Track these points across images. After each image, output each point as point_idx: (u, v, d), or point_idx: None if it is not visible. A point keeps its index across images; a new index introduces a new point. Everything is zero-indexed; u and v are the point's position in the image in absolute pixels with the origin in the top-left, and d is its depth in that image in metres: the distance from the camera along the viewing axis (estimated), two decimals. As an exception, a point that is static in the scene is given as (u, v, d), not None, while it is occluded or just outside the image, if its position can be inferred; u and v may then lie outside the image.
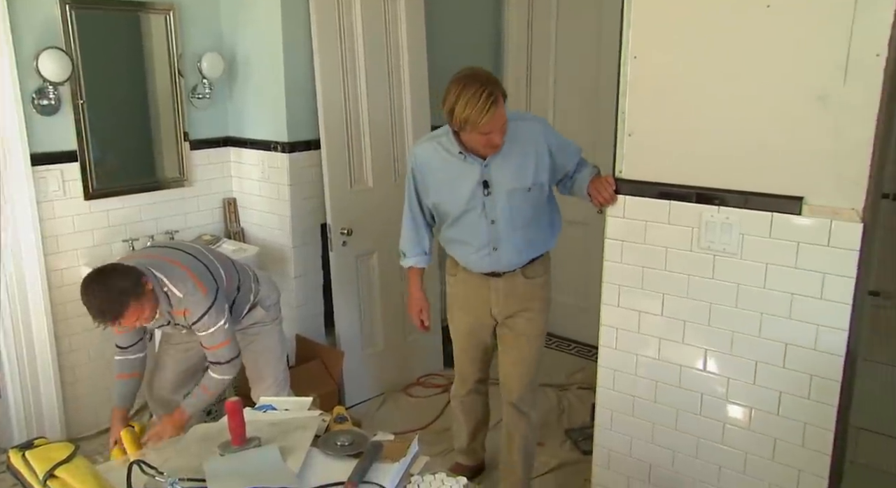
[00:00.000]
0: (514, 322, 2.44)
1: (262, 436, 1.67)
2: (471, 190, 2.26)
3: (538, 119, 2.36)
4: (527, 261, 2.38)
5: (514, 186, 2.26)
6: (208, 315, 2.23)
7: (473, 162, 2.25)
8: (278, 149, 3.20)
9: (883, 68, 1.70)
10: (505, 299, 2.41)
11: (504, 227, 2.30)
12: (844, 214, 1.81)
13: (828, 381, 1.90)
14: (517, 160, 2.25)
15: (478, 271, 2.40)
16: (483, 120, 2.07)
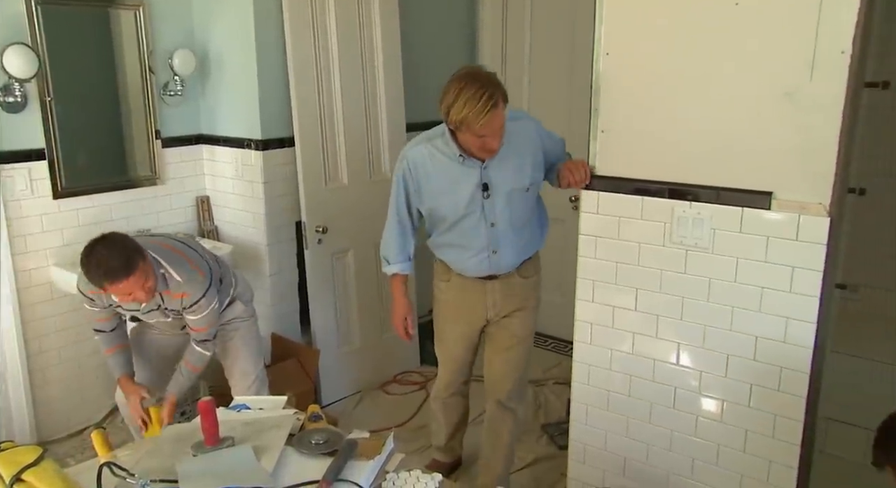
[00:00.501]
0: (509, 322, 2.42)
1: (235, 436, 1.65)
2: (470, 193, 2.20)
3: (529, 116, 2.31)
4: (522, 262, 2.37)
5: (514, 187, 2.22)
6: (205, 297, 2.27)
7: (472, 164, 2.18)
8: (252, 146, 3.17)
9: (848, 65, 1.73)
10: (503, 300, 2.37)
11: (504, 230, 2.26)
12: (812, 209, 1.84)
13: (797, 373, 1.93)
14: (515, 160, 2.21)
15: (474, 275, 2.35)
16: (480, 122, 2.00)
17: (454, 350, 2.52)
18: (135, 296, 2.14)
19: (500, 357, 2.46)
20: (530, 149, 2.24)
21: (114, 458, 1.63)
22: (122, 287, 2.08)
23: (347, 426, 2.83)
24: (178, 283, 2.23)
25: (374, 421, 3.18)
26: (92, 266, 2.07)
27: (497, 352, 2.47)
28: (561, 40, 3.70)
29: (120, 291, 2.10)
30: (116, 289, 2.09)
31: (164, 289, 2.23)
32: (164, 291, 2.24)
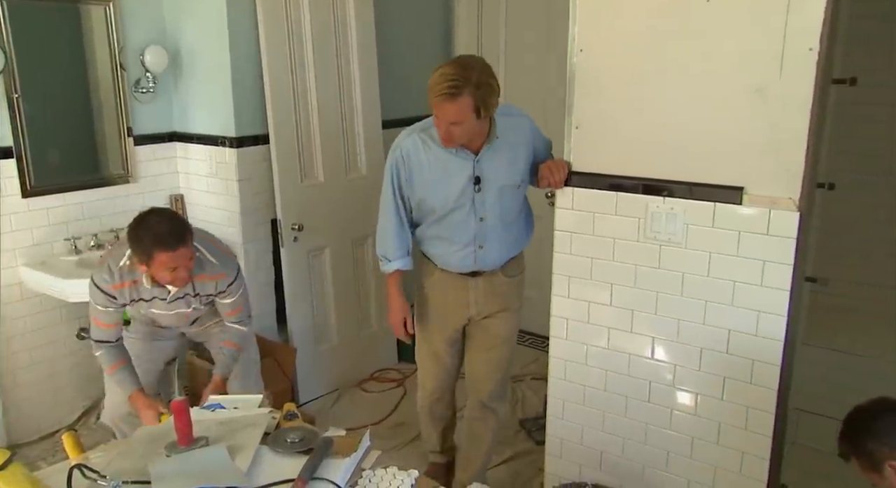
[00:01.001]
0: (492, 322, 2.39)
1: (209, 436, 1.64)
2: (461, 186, 2.18)
3: (525, 115, 2.29)
4: (507, 260, 2.36)
5: (505, 182, 2.21)
6: (239, 277, 2.34)
7: (466, 156, 2.16)
8: (226, 144, 3.14)
9: (815, 62, 1.75)
10: (486, 299, 2.35)
11: (492, 225, 2.24)
12: (782, 203, 1.87)
13: (768, 366, 1.96)
14: (508, 155, 2.20)
15: (459, 271, 2.32)
16: (435, 100, 2.01)
17: (439, 352, 2.46)
18: (177, 274, 2.11)
19: (482, 357, 2.44)
20: (524, 145, 2.24)
21: (86, 460, 1.61)
22: (172, 257, 2.05)
23: (325, 424, 2.82)
24: (214, 265, 2.26)
25: (351, 418, 3.17)
26: (144, 232, 2.05)
27: (480, 351, 2.44)
28: (536, 36, 3.71)
29: (168, 263, 2.06)
30: (165, 260, 2.05)
31: (198, 274, 2.23)
32: (198, 276, 2.24)
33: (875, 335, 2.96)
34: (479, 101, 2.01)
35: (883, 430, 1.42)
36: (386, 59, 3.54)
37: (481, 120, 2.07)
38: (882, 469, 1.41)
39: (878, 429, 1.43)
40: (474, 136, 2.14)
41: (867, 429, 1.45)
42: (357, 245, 3.52)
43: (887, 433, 1.41)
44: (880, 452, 1.41)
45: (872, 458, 1.43)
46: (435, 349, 2.46)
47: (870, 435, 1.44)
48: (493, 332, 2.40)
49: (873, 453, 1.42)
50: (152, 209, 2.17)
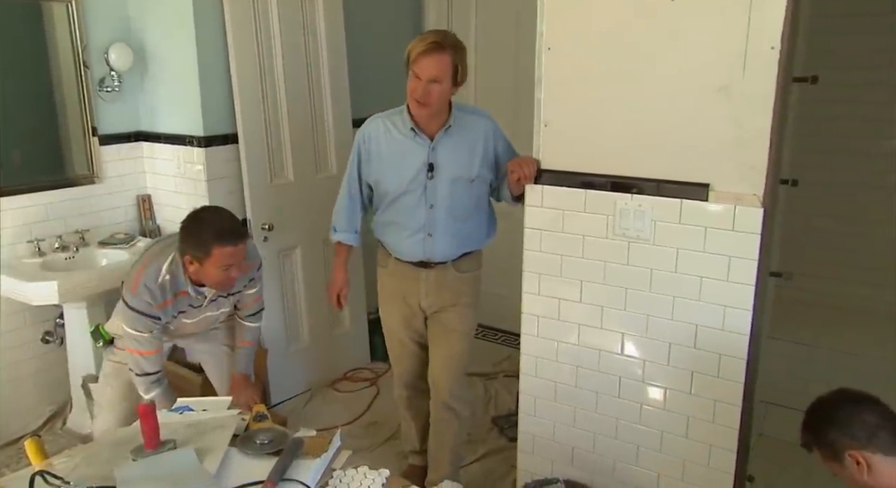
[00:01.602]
0: (444, 316, 2.43)
1: (177, 438, 1.62)
2: (415, 170, 2.27)
3: (490, 117, 2.37)
4: (459, 255, 2.39)
5: (459, 175, 2.28)
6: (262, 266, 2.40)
7: (422, 142, 2.26)
8: (194, 143, 3.10)
9: (777, 61, 1.78)
10: (436, 291, 2.39)
11: (441, 214, 2.30)
12: (746, 199, 1.89)
13: (735, 359, 1.99)
14: (464, 149, 2.29)
15: (409, 259, 2.38)
16: (416, 54, 2.13)
17: (398, 335, 2.52)
18: (229, 274, 2.10)
19: (438, 353, 2.47)
20: (482, 143, 2.30)
21: (49, 467, 1.58)
22: (232, 253, 2.04)
23: (297, 425, 2.80)
24: (251, 254, 2.28)
25: (324, 419, 3.15)
26: (202, 227, 2.04)
27: (435, 347, 2.48)
28: (506, 34, 3.72)
29: (226, 259, 2.04)
30: (224, 256, 2.04)
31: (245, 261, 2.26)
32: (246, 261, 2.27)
33: (838, 328, 3.03)
34: (457, 61, 2.17)
35: (843, 421, 1.44)
36: (356, 58, 3.53)
37: (453, 88, 2.20)
38: (842, 458, 1.44)
39: (839, 420, 1.45)
40: (443, 107, 2.24)
41: (828, 420, 1.47)
42: (328, 244, 3.46)
43: (847, 424, 1.43)
44: (841, 442, 1.43)
45: (833, 448, 1.45)
46: (398, 336, 2.53)
47: (831, 425, 1.46)
48: (446, 326, 2.43)
49: (834, 443, 1.45)
50: (205, 206, 2.16)
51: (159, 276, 2.14)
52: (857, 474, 1.42)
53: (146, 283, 2.13)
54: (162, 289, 2.14)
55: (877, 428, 1.41)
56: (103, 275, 2.87)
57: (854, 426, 1.42)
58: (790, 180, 2.28)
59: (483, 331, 3.98)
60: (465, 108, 2.35)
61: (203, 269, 2.08)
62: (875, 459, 1.39)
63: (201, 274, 2.10)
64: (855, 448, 1.41)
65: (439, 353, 2.47)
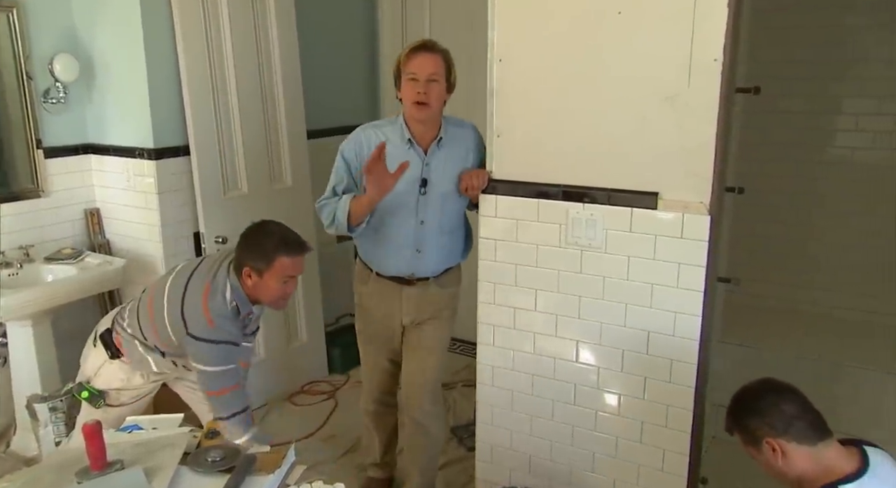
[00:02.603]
0: (421, 329, 2.39)
1: (125, 459, 1.58)
2: (408, 185, 2.22)
3: (475, 129, 2.36)
4: (442, 271, 2.37)
5: (449, 189, 2.26)
6: None
7: (417, 156, 2.22)
8: (144, 155, 3.03)
9: (720, 72, 1.83)
10: (417, 306, 2.35)
11: (431, 230, 2.27)
12: (694, 207, 1.94)
13: (686, 364, 2.03)
14: (455, 163, 2.27)
15: (394, 274, 2.33)
16: (410, 54, 2.15)
17: (375, 354, 2.49)
18: (288, 288, 2.06)
19: (409, 367, 2.44)
20: (471, 156, 2.30)
21: (-11, 491, 1.52)
22: (294, 264, 2.02)
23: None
24: None
25: (281, 433, 3.09)
26: (265, 237, 2.01)
27: (409, 360, 2.44)
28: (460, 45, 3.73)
29: (288, 270, 2.02)
30: (287, 267, 2.01)
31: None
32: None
33: (785, 331, 3.11)
34: (450, 63, 2.20)
35: (764, 410, 1.51)
36: (310, 69, 3.51)
37: (446, 93, 2.22)
38: (760, 444, 1.51)
39: (761, 409, 1.52)
40: (438, 113, 2.23)
41: (750, 408, 1.54)
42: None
43: (768, 413, 1.50)
44: (760, 429, 1.51)
45: (753, 435, 1.53)
46: (373, 353, 2.49)
47: (752, 413, 1.53)
48: (422, 338, 2.41)
49: (754, 430, 1.52)
50: (266, 220, 2.11)
51: (227, 303, 2.04)
52: (772, 459, 1.50)
53: (220, 314, 2.02)
54: (235, 313, 2.05)
55: (794, 418, 1.48)
56: (49, 291, 2.79)
57: (773, 415, 1.49)
58: (736, 188, 2.34)
59: (442, 341, 3.98)
60: (454, 119, 2.32)
61: (262, 282, 2.02)
62: (789, 447, 1.47)
63: (259, 288, 2.03)
64: (772, 436, 1.49)
65: (411, 368, 2.43)
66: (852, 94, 3.11)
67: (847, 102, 3.13)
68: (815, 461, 1.47)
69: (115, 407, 2.23)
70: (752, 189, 2.55)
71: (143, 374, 2.23)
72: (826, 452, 1.47)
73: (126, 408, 2.23)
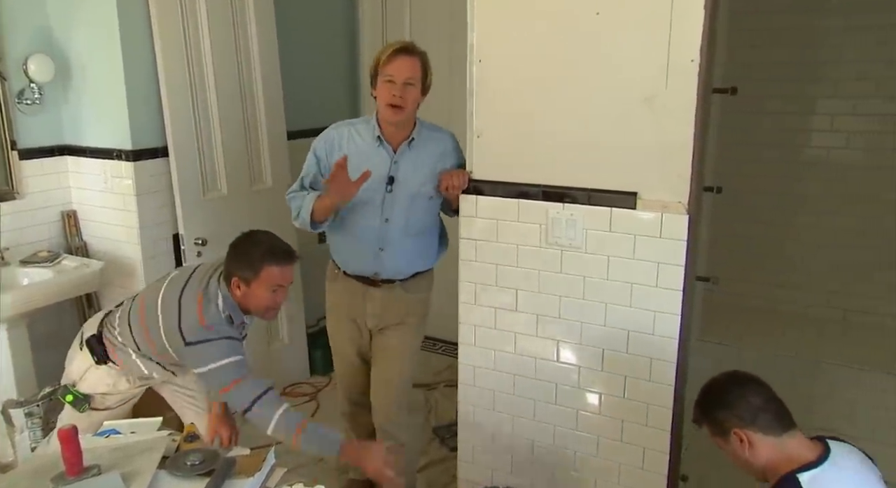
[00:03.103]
0: (387, 336, 2.39)
1: (102, 464, 1.56)
2: (375, 182, 2.22)
3: (452, 135, 2.36)
4: (410, 275, 2.36)
5: (419, 190, 2.26)
6: None
7: (385, 153, 2.24)
8: (122, 157, 3.00)
9: (697, 73, 1.85)
10: (382, 310, 2.35)
11: (396, 230, 2.28)
12: (672, 207, 1.96)
13: (665, 363, 2.04)
14: (427, 164, 2.27)
15: (359, 273, 2.34)
16: (388, 56, 2.15)
17: (345, 352, 2.48)
18: (277, 297, 2.04)
19: (377, 376, 2.44)
20: (443, 160, 2.30)
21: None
22: (282, 273, 2.00)
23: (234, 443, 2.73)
24: None
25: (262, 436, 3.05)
26: (253, 246, 1.99)
27: (375, 369, 2.44)
28: (440, 46, 3.74)
29: (276, 280, 1.99)
30: (274, 276, 1.98)
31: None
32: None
33: (764, 329, 3.15)
34: (426, 67, 2.21)
35: (732, 401, 1.54)
36: (290, 70, 3.50)
37: (420, 96, 2.23)
38: (728, 435, 1.55)
39: (728, 400, 1.55)
40: (412, 116, 2.25)
41: (718, 400, 1.57)
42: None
43: (735, 404, 1.54)
44: (728, 421, 1.53)
45: (721, 426, 1.55)
46: (344, 352, 2.49)
47: (720, 405, 1.56)
48: (388, 346, 2.40)
49: (722, 422, 1.55)
50: (255, 229, 2.08)
51: (220, 312, 2.01)
52: (739, 450, 1.53)
53: (213, 322, 1.99)
54: (229, 322, 2.03)
55: (760, 409, 1.52)
56: (25, 295, 2.75)
57: (741, 406, 1.53)
58: (714, 188, 2.36)
59: (424, 342, 3.96)
60: (431, 125, 2.34)
61: (250, 291, 2.00)
62: (756, 437, 1.51)
63: (248, 297, 2.01)
64: (739, 426, 1.52)
65: (379, 375, 2.43)
66: (827, 95, 3.15)
67: (822, 103, 3.18)
68: (779, 450, 1.50)
69: (100, 410, 2.20)
70: (731, 189, 2.58)
71: (130, 379, 2.21)
72: (790, 442, 1.51)
73: (109, 413, 2.21)
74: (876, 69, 3.03)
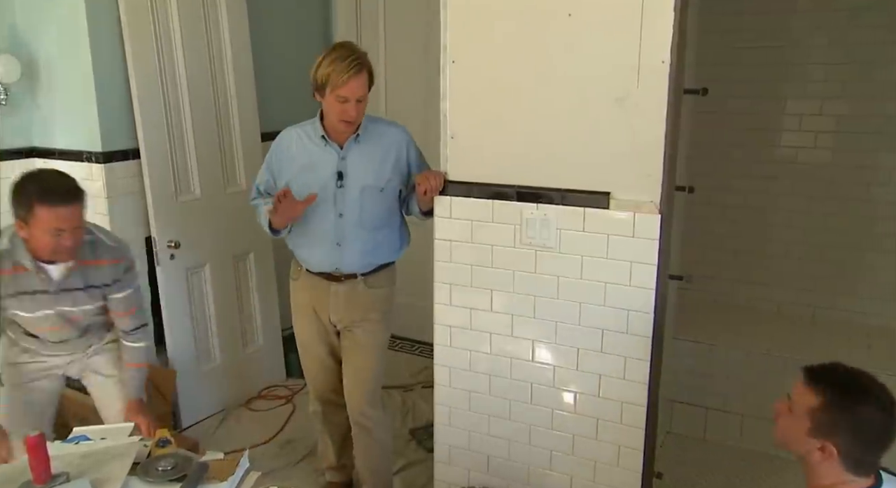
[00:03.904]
0: (353, 332, 2.39)
1: (71, 471, 1.54)
2: (325, 179, 2.26)
3: (404, 129, 2.37)
4: (370, 269, 2.37)
5: (368, 183, 2.28)
6: (134, 267, 2.24)
7: (332, 151, 2.26)
8: (92, 159, 2.96)
9: (668, 74, 1.87)
10: (345, 306, 2.36)
11: (351, 224, 2.29)
12: (645, 207, 1.97)
13: (639, 361, 2.06)
14: (375, 159, 2.29)
15: (320, 270, 2.36)
16: (342, 79, 2.11)
17: (311, 349, 2.48)
18: (61, 241, 1.90)
19: (348, 370, 2.44)
20: (394, 152, 2.31)
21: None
22: (57, 216, 1.85)
23: (209, 447, 2.71)
24: (110, 248, 2.15)
25: (237, 440, 3.06)
26: (29, 183, 1.86)
27: (346, 364, 2.45)
28: (415, 46, 3.75)
29: (51, 223, 1.85)
30: (48, 219, 1.85)
31: (93, 258, 2.10)
32: (94, 261, 2.10)
33: (737, 326, 3.19)
34: (371, 77, 2.21)
35: (859, 419, 1.30)
36: (264, 70, 3.47)
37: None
38: (817, 434, 1.32)
39: (857, 413, 1.31)
40: (360, 118, 2.25)
41: (849, 406, 1.31)
42: (239, 260, 3.42)
43: (859, 426, 1.30)
44: (836, 430, 1.30)
45: (823, 423, 1.31)
46: (312, 350, 2.49)
47: (846, 411, 1.31)
48: (356, 342, 2.41)
49: (831, 423, 1.31)
50: (41, 168, 1.99)
51: None
52: (810, 454, 1.33)
53: None
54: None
55: (867, 449, 1.31)
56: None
57: (861, 432, 1.30)
58: (687, 187, 2.40)
59: (400, 342, 3.97)
60: (376, 118, 2.36)
61: (31, 233, 1.91)
62: (835, 463, 1.32)
63: (32, 240, 1.93)
64: (838, 444, 1.30)
65: (349, 370, 2.44)
66: (796, 96, 3.20)
67: (791, 104, 3.22)
68: (839, 482, 1.33)
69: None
70: (703, 188, 2.61)
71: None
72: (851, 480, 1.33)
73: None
74: (842, 71, 3.09)
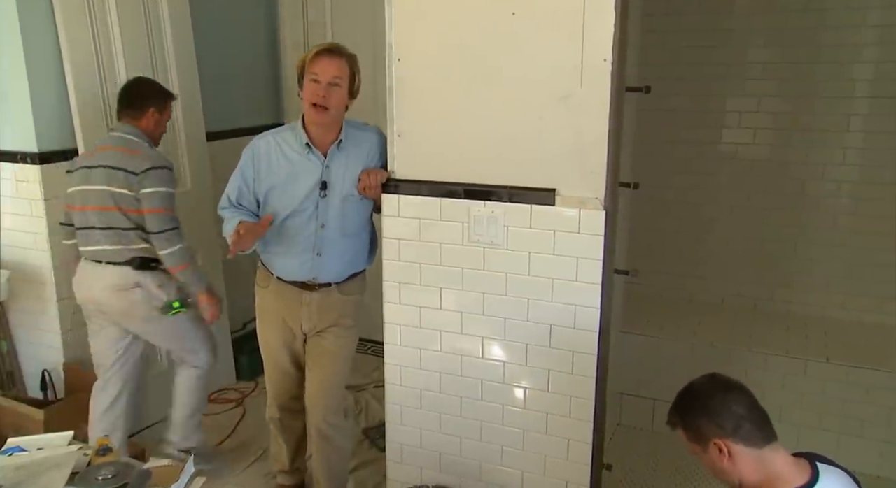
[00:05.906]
0: (322, 338, 2.36)
1: (4, 484, 1.48)
2: (307, 190, 2.22)
3: (377, 130, 2.34)
4: (346, 277, 2.34)
5: (350, 192, 2.25)
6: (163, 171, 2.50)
7: (316, 160, 2.22)
8: (27, 160, 2.86)
9: (610, 72, 1.90)
10: (318, 313, 2.33)
11: (332, 234, 2.26)
12: (590, 203, 2.00)
13: (586, 356, 2.09)
14: (356, 165, 2.26)
15: (294, 279, 2.31)
16: (314, 56, 2.14)
17: (276, 357, 2.44)
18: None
19: (312, 376, 2.40)
20: (372, 157, 2.28)
21: None
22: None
23: (159, 454, 2.66)
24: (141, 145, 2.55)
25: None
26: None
27: (311, 369, 2.41)
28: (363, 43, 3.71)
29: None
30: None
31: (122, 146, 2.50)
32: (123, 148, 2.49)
33: (682, 319, 3.27)
34: (354, 70, 2.20)
35: (714, 410, 1.45)
36: (208, 70, 3.40)
37: (349, 99, 2.22)
38: (706, 444, 1.46)
39: (710, 409, 1.46)
40: (339, 117, 2.23)
41: (700, 407, 1.48)
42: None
43: (717, 413, 1.44)
44: (708, 430, 1.45)
45: (700, 434, 1.47)
46: (276, 357, 2.44)
47: (702, 413, 1.47)
48: (324, 348, 2.38)
49: (702, 429, 1.46)
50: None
51: None
52: (717, 460, 1.45)
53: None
54: None
55: (742, 419, 1.43)
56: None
57: (723, 415, 1.44)
58: (631, 183, 2.44)
59: (354, 342, 3.94)
60: (356, 123, 2.32)
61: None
62: (736, 449, 1.42)
63: None
64: (720, 436, 1.43)
65: (314, 376, 2.40)
66: (735, 94, 3.29)
67: (730, 101, 3.31)
68: (760, 465, 1.42)
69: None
70: (647, 184, 2.66)
71: None
72: (773, 458, 1.43)
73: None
74: (778, 69, 3.19)
